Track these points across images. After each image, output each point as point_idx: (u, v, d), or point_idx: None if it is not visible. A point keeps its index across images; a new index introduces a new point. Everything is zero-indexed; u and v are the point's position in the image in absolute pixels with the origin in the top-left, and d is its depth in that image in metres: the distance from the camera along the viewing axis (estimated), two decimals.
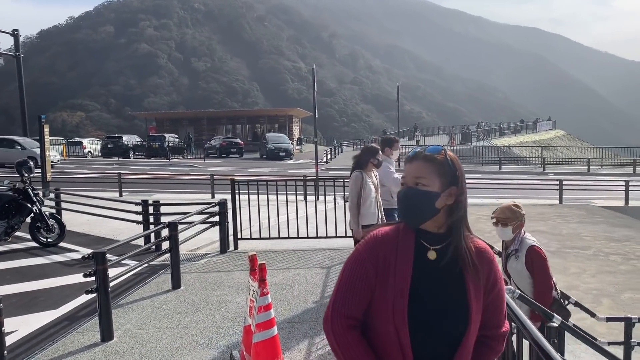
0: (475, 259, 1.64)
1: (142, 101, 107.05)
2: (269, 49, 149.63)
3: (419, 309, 1.58)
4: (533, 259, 3.66)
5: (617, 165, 31.53)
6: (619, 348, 5.17)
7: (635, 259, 10.32)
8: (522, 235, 3.84)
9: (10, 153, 25.63)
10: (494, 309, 1.70)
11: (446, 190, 1.64)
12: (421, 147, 1.73)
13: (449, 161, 1.66)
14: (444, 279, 1.62)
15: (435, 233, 1.66)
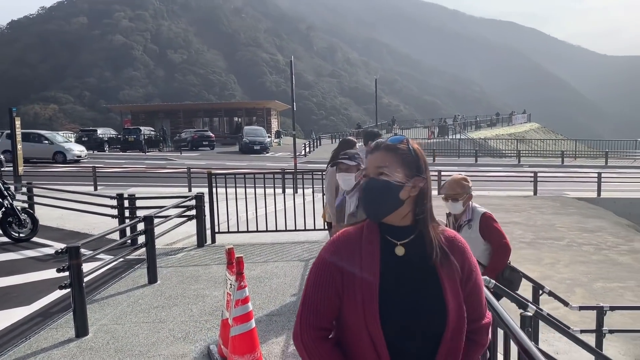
0: (446, 250, 1.57)
1: (117, 94, 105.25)
2: (247, 41, 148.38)
3: (391, 310, 1.49)
4: (487, 224, 3.76)
5: (590, 157, 32.16)
6: (591, 336, 5.29)
7: (606, 249, 10.56)
8: (472, 205, 3.91)
9: (38, 148, 25.46)
10: (473, 301, 1.62)
11: (410, 180, 1.56)
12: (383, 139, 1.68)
13: (412, 151, 1.59)
14: (416, 275, 1.54)
15: (400, 227, 1.58)
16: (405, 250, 1.56)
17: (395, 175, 1.55)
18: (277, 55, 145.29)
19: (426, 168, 1.61)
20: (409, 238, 1.58)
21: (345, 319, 1.54)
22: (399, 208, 1.56)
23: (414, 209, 1.58)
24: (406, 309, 1.50)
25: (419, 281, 1.54)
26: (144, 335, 4.73)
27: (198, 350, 4.43)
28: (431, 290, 1.53)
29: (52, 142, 25.82)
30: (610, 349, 5.91)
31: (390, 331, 1.48)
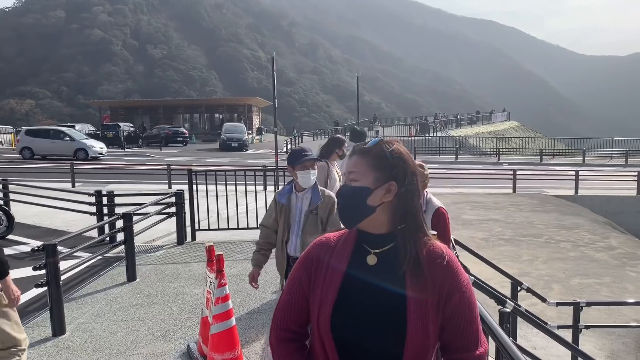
0: (423, 265, 1.41)
1: (96, 89, 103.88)
2: (228, 37, 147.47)
3: (346, 320, 1.41)
4: (440, 220, 3.62)
5: (568, 155, 32.66)
6: (568, 331, 5.37)
7: (583, 245, 10.73)
8: (427, 196, 3.76)
9: (58, 145, 24.88)
10: (454, 327, 1.43)
11: (382, 185, 1.43)
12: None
13: (387, 153, 1.45)
14: (382, 289, 1.42)
15: (376, 235, 1.47)
16: (377, 260, 1.46)
17: (363, 179, 1.45)
18: (259, 52, 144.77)
19: (407, 172, 1.46)
20: (384, 247, 1.46)
21: (310, 318, 1.51)
22: (369, 215, 1.45)
23: (393, 216, 1.45)
24: (362, 322, 1.41)
25: (384, 296, 1.41)
26: (122, 333, 4.67)
27: (178, 349, 4.39)
28: (394, 306, 1.40)
29: (73, 138, 25.16)
30: (586, 344, 6.01)
31: (344, 342, 1.42)
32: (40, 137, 25.08)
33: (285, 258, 3.56)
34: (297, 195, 3.52)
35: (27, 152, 24.65)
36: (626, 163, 27.41)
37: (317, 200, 3.53)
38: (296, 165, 3.43)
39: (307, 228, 3.48)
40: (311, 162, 3.45)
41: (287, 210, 3.52)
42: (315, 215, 3.48)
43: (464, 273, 1.48)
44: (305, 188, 3.50)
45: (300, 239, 3.50)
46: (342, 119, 71.31)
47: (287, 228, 3.52)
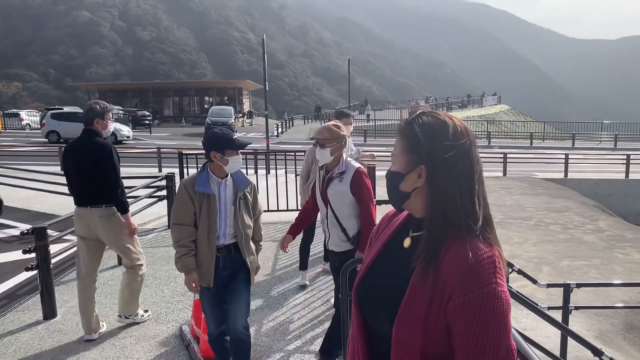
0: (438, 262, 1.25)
1: (84, 71, 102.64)
2: (217, 19, 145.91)
3: (368, 293, 1.43)
4: (359, 180, 3.55)
5: (558, 139, 32.85)
6: (557, 312, 5.43)
7: (573, 228, 10.83)
8: (346, 159, 3.68)
9: (78, 127, 24.48)
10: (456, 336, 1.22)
11: (414, 170, 1.30)
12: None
13: (418, 133, 1.30)
14: (402, 272, 1.34)
15: (417, 218, 1.37)
16: (411, 243, 1.37)
17: (397, 164, 1.35)
18: (249, 34, 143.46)
19: (442, 154, 1.28)
20: (420, 232, 1.35)
21: None
22: (406, 199, 1.34)
23: (425, 202, 1.32)
24: (377, 299, 1.40)
25: (397, 279, 1.35)
26: (114, 317, 4.66)
27: (170, 331, 4.39)
28: (399, 295, 1.31)
29: None
30: (575, 325, 6.09)
31: (365, 310, 1.44)
32: (68, 120, 24.97)
33: (213, 251, 3.23)
34: (218, 182, 3.26)
35: (53, 135, 24.54)
36: (615, 147, 27.61)
37: (246, 184, 3.36)
38: (227, 150, 3.18)
39: (239, 215, 3.28)
40: (243, 146, 3.25)
41: (211, 199, 3.21)
42: (244, 200, 3.33)
43: (487, 273, 1.21)
44: (227, 174, 3.28)
45: (232, 228, 3.28)
46: (333, 102, 71.16)
47: (212, 219, 3.20)
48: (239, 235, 3.29)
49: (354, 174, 3.59)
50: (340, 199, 3.61)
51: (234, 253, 3.32)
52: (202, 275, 3.23)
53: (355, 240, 3.64)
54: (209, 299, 3.32)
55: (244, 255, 3.33)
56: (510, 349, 1.21)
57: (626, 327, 6.53)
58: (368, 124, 36.66)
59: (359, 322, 1.46)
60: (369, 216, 3.68)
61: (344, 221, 3.64)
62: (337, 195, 3.62)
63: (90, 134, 4.28)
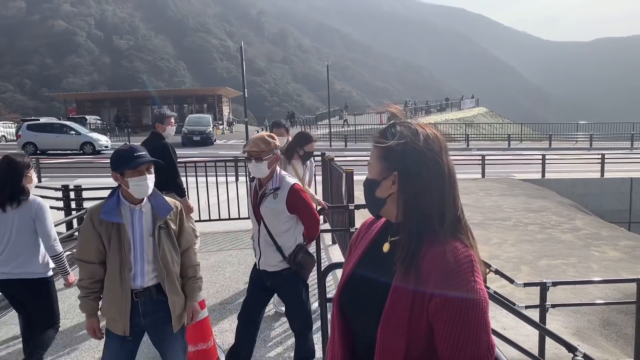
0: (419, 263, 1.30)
1: (61, 81, 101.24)
2: (195, 26, 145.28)
3: (350, 301, 1.47)
4: (296, 197, 3.33)
5: (535, 140, 33.32)
6: (535, 311, 5.52)
7: (550, 227, 11.01)
8: (280, 173, 3.43)
9: (63, 139, 24.51)
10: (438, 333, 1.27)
11: (388, 177, 1.36)
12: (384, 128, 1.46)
13: (391, 141, 1.35)
14: (381, 274, 1.39)
15: (394, 223, 1.42)
16: (390, 247, 1.41)
17: (372, 171, 1.40)
18: (228, 41, 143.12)
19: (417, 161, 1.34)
20: (396, 237, 1.40)
21: None
22: (382, 206, 1.40)
23: (398, 207, 1.38)
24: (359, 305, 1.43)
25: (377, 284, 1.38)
26: None
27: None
28: (382, 298, 1.35)
29: (79, 132, 25.03)
30: (553, 323, 6.19)
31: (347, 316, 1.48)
32: (44, 131, 24.79)
33: (127, 293, 2.69)
34: (131, 208, 2.73)
35: (30, 147, 24.29)
36: (590, 146, 28.10)
37: (166, 210, 2.80)
38: (126, 170, 2.67)
39: (159, 248, 2.73)
40: (147, 164, 2.72)
41: (120, 230, 2.67)
42: (166, 229, 2.79)
43: (465, 272, 1.26)
44: (141, 199, 2.75)
45: (151, 264, 2.73)
46: (314, 107, 71.26)
47: (124, 254, 2.66)
48: (159, 273, 2.73)
49: (290, 192, 3.33)
50: (275, 216, 3.37)
51: (157, 296, 2.75)
52: (115, 322, 2.70)
53: (291, 260, 3.37)
54: (115, 351, 2.76)
55: (169, 298, 2.76)
56: (490, 344, 1.27)
57: (603, 323, 6.66)
58: (348, 128, 36.84)
59: (340, 327, 1.48)
60: (315, 231, 3.55)
61: (279, 239, 3.39)
62: (271, 213, 3.37)
63: (154, 135, 5.21)
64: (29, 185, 3.68)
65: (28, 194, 3.64)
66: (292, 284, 3.45)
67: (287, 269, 3.40)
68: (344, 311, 1.48)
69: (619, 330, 6.51)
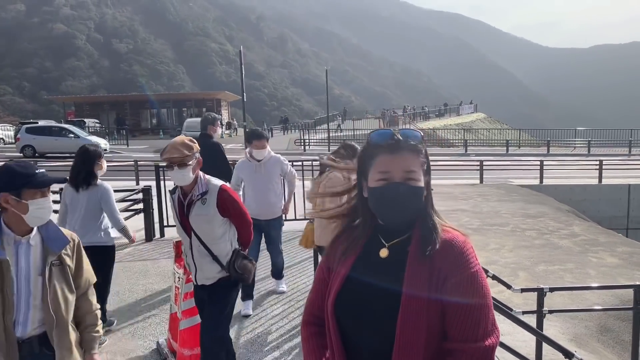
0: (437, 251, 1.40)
1: (60, 84, 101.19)
2: (195, 30, 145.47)
3: (348, 311, 1.45)
4: (227, 198, 3.16)
5: (533, 145, 33.39)
6: (533, 316, 5.52)
7: (548, 233, 11.00)
8: (204, 176, 3.21)
9: (62, 142, 24.48)
10: (453, 313, 1.36)
11: (425, 181, 1.47)
12: (394, 131, 1.48)
13: (425, 149, 1.50)
14: (386, 279, 1.42)
15: (390, 228, 1.47)
16: (388, 252, 1.46)
17: (420, 179, 1.45)
18: (227, 45, 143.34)
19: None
20: (399, 238, 1.46)
21: None
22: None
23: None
24: (360, 315, 1.43)
25: (382, 291, 1.42)
26: None
27: (147, 346, 4.35)
28: (389, 304, 1.39)
29: (78, 135, 25.07)
30: (550, 329, 6.19)
31: (345, 331, 1.47)
32: (43, 134, 24.87)
33: (12, 343, 2.15)
34: (16, 241, 2.20)
35: (28, 150, 24.35)
36: (589, 153, 28.15)
37: (61, 244, 2.28)
38: (25, 190, 2.16)
39: (49, 290, 2.19)
40: (47, 185, 2.25)
41: (3, 268, 2.14)
42: (60, 267, 2.26)
43: (471, 257, 1.41)
44: (30, 229, 2.24)
45: (38, 310, 2.20)
46: (313, 112, 71.36)
47: (7, 297, 2.13)
48: (47, 320, 2.19)
49: (220, 194, 3.15)
50: (207, 223, 3.16)
51: (39, 349, 2.22)
52: None
53: (230, 267, 3.20)
54: None
55: (57, 353, 2.21)
56: (495, 320, 1.42)
57: (600, 329, 6.66)
58: (341, 133, 36.91)
59: (337, 337, 1.48)
60: (248, 234, 3.39)
61: (215, 247, 3.20)
62: (203, 220, 3.15)
63: (205, 136, 5.77)
64: (99, 171, 4.40)
65: (96, 178, 4.37)
66: (229, 289, 3.30)
67: (226, 278, 3.23)
68: (342, 321, 1.48)
69: (617, 336, 6.51)
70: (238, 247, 3.33)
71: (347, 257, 1.51)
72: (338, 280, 1.49)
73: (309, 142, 29.76)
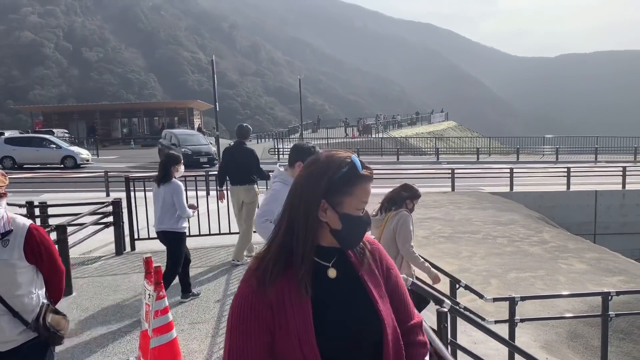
0: (369, 259, 1.55)
1: (27, 93, 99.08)
2: (167, 39, 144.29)
3: (329, 333, 1.40)
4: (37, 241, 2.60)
5: (503, 153, 33.95)
6: (505, 325, 5.58)
7: (519, 240, 11.18)
8: (7, 213, 2.61)
9: (43, 153, 24.02)
10: (399, 300, 1.56)
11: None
12: (360, 162, 1.49)
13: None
14: (348, 293, 1.47)
15: (329, 246, 1.49)
16: (336, 271, 1.48)
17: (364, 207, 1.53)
18: (199, 54, 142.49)
19: None
20: (335, 256, 1.50)
21: (280, 351, 1.41)
22: None
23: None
24: (343, 329, 1.42)
25: (352, 299, 1.46)
26: (57, 351, 4.47)
27: None
28: (364, 304, 1.46)
29: (60, 146, 24.70)
30: (523, 336, 6.27)
31: (330, 354, 1.39)
32: (23, 145, 24.43)
33: None
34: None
35: (8, 161, 23.82)
36: (557, 160, 28.76)
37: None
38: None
39: None
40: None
41: None
42: None
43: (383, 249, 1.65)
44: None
45: None
46: (287, 120, 71.32)
47: None
48: None
49: (28, 234, 2.57)
50: (7, 270, 2.53)
51: None
52: None
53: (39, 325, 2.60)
54: None
55: None
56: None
57: (570, 335, 6.77)
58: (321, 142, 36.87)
59: None
60: (60, 286, 2.82)
61: (17, 301, 2.56)
62: (2, 266, 2.52)
63: (240, 143, 7.16)
64: (175, 172, 5.41)
65: (172, 177, 5.38)
66: (38, 355, 2.65)
67: (33, 340, 2.61)
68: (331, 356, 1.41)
69: (586, 342, 6.63)
70: (48, 301, 2.74)
71: (300, 289, 1.41)
72: (301, 322, 1.38)
73: (283, 150, 29.72)
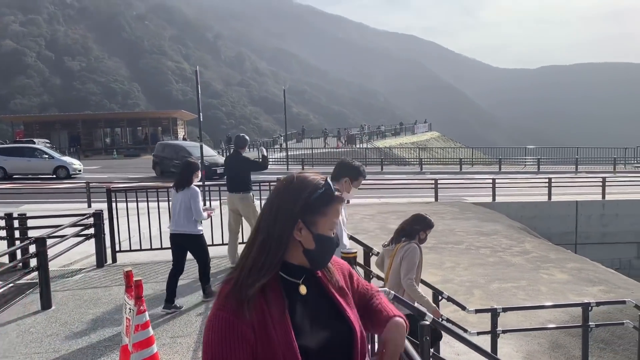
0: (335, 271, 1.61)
1: (8, 103, 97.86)
2: (151, 48, 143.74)
3: (309, 348, 1.42)
4: None
5: (486, 164, 34.27)
6: (488, 336, 5.61)
7: (501, 250, 11.27)
8: None
9: (36, 163, 23.79)
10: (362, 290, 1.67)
11: None
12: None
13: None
14: (319, 308, 1.50)
15: (297, 264, 1.50)
16: (306, 287, 1.51)
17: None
18: (184, 64, 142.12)
19: None
20: (304, 274, 1.51)
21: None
22: None
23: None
24: (318, 340, 1.44)
25: (324, 314, 1.49)
26: None
27: None
28: (335, 316, 1.50)
29: (52, 156, 24.45)
30: (505, 347, 6.30)
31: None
32: (14, 155, 24.14)
33: None
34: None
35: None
36: (538, 170, 29.10)
37: None
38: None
39: None
40: None
41: None
42: None
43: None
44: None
45: None
46: (271, 130, 71.27)
47: None
48: None
49: None
50: None
51: None
52: None
53: None
54: None
55: None
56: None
57: (552, 346, 6.82)
58: (306, 152, 36.90)
59: None
60: None
61: None
62: None
63: (237, 152, 7.61)
64: (195, 179, 5.82)
65: (191, 183, 5.77)
66: None
67: None
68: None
69: (567, 352, 6.68)
70: None
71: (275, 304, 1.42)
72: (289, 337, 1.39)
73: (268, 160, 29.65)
